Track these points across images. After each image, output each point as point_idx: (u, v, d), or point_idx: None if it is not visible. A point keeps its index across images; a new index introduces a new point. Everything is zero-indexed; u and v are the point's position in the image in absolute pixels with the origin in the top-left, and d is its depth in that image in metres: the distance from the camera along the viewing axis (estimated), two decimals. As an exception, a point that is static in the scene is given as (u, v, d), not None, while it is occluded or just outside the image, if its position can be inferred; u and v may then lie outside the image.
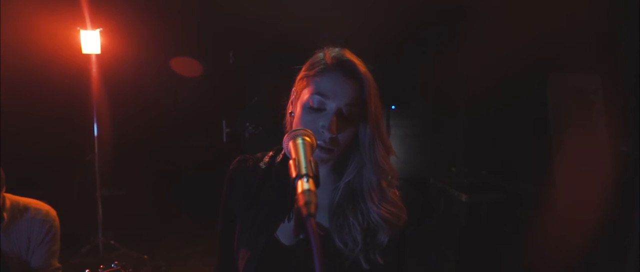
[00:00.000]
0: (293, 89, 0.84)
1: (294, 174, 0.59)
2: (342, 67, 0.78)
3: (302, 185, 0.57)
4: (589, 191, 2.47)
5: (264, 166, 0.86)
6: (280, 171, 0.84)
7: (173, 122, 3.76)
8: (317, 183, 0.58)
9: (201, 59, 3.61)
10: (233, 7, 3.43)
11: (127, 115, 3.40)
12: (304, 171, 0.59)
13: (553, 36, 2.89)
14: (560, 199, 2.75)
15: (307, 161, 0.62)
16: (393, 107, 4.04)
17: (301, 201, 0.55)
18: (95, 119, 3.04)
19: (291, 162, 0.61)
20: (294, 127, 0.78)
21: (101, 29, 2.90)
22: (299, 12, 3.47)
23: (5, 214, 1.41)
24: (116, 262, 1.28)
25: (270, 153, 0.89)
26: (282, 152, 0.87)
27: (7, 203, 1.43)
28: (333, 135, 0.75)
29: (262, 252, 0.80)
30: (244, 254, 0.82)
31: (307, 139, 0.67)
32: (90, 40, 2.85)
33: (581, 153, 2.65)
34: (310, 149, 0.66)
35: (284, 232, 0.82)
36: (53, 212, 1.52)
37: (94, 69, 2.96)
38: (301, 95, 0.80)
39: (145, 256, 3.04)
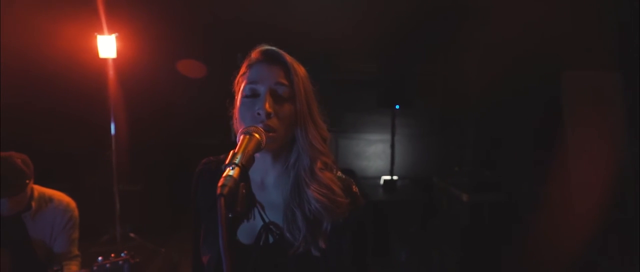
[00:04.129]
0: (235, 97, 0.86)
1: (226, 162, 0.65)
2: (265, 55, 0.83)
3: (228, 172, 0.64)
4: (604, 191, 2.44)
5: (224, 168, 0.91)
6: None
7: (185, 121, 3.93)
8: (243, 172, 0.65)
9: (210, 60, 3.75)
10: (241, 10, 3.57)
11: (142, 115, 3.57)
12: (235, 161, 0.65)
13: (563, 32, 2.85)
14: (576, 198, 2.69)
15: (243, 153, 0.67)
16: (397, 106, 4.09)
17: (219, 183, 0.61)
18: (112, 119, 3.21)
19: (231, 152, 0.67)
20: (237, 124, 0.82)
21: (117, 34, 3.04)
22: (304, 13, 3.56)
23: (33, 203, 1.59)
24: (126, 251, 1.41)
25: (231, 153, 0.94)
26: None
27: (35, 194, 1.61)
28: (269, 112, 0.77)
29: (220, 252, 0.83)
30: (206, 254, 0.84)
31: (257, 136, 0.72)
32: (107, 45, 3.00)
33: (596, 152, 2.61)
34: (256, 144, 0.71)
35: (243, 232, 0.84)
36: (73, 203, 1.69)
37: (111, 72, 3.12)
38: (238, 94, 0.83)
39: (163, 250, 3.22)
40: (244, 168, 0.66)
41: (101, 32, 3.00)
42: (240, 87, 0.83)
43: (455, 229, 3.30)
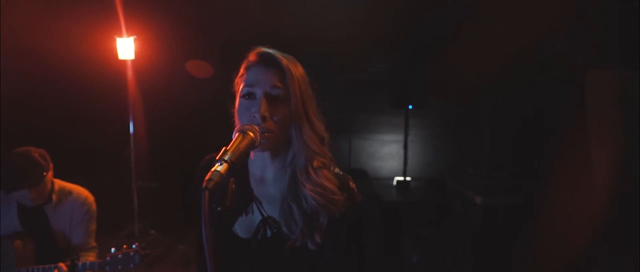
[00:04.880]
0: (236, 97, 0.88)
1: (216, 157, 0.68)
2: (262, 59, 0.85)
3: (216, 167, 0.66)
4: (628, 193, 2.38)
5: (214, 163, 0.90)
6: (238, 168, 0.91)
7: (201, 120, 4.03)
8: (231, 168, 0.67)
9: (226, 62, 3.84)
10: (254, 13, 3.64)
11: (159, 115, 3.69)
12: (225, 157, 0.68)
13: (582, 30, 2.77)
14: (600, 201, 2.60)
15: (234, 151, 0.69)
16: (410, 106, 4.06)
17: (206, 177, 0.64)
18: (131, 118, 3.33)
19: (223, 148, 0.70)
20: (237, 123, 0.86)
21: (135, 36, 3.16)
22: (318, 14, 3.60)
23: (54, 196, 1.69)
24: (137, 243, 1.48)
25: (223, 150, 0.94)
26: None
27: (56, 187, 1.71)
28: (264, 115, 0.80)
29: (220, 245, 0.84)
30: None
31: (251, 134, 0.75)
32: (126, 47, 3.12)
33: (620, 154, 2.52)
34: (249, 143, 0.74)
35: (241, 226, 0.87)
36: (91, 197, 1.78)
37: (130, 73, 3.25)
38: (237, 94, 0.87)
39: (180, 246, 3.31)
40: (233, 165, 0.68)
41: (120, 35, 3.12)
42: (239, 88, 0.87)
43: (468, 232, 3.25)
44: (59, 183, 1.73)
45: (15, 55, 3.26)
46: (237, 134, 0.75)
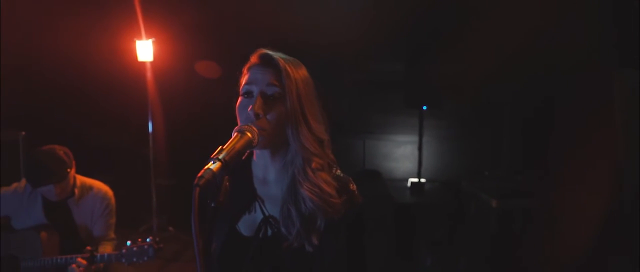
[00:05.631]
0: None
1: (212, 156, 0.71)
2: (260, 59, 0.87)
3: (209, 165, 0.68)
4: None
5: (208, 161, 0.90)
6: (242, 167, 0.91)
7: (218, 120, 4.11)
8: (224, 167, 0.69)
9: (242, 65, 3.91)
10: (268, 13, 3.70)
11: (178, 115, 3.79)
12: (219, 156, 0.70)
13: (605, 30, 2.70)
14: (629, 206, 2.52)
15: (229, 150, 0.71)
16: (425, 107, 4.02)
17: (198, 174, 0.66)
18: (149, 118, 3.44)
19: (219, 147, 0.73)
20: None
21: (154, 39, 3.25)
22: (332, 17, 3.62)
23: (76, 191, 1.78)
24: (151, 237, 1.55)
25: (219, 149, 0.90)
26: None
27: (78, 182, 1.81)
28: (258, 113, 0.81)
29: (223, 242, 0.86)
30: (213, 242, 0.88)
31: (249, 134, 0.77)
32: (145, 49, 3.22)
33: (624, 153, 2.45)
34: (245, 143, 0.75)
35: (244, 224, 0.89)
36: (110, 192, 1.88)
37: (149, 74, 3.35)
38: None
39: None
40: (226, 163, 0.70)
41: (139, 38, 3.23)
42: (241, 88, 0.89)
43: (483, 236, 3.20)
44: (80, 179, 1.83)
45: (39, 57, 3.44)
46: (235, 134, 0.78)
